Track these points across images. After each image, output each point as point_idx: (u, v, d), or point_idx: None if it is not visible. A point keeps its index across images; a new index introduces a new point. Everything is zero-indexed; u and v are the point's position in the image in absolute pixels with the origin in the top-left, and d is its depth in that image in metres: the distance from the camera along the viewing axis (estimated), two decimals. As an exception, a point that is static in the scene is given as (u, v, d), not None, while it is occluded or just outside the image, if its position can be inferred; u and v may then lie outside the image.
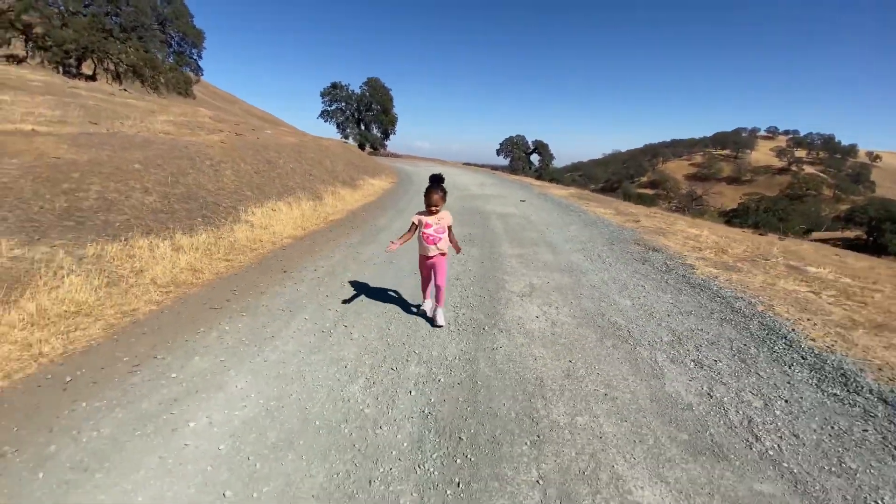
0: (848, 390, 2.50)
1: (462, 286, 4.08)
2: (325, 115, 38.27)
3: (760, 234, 10.19)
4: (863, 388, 2.51)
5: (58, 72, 25.90)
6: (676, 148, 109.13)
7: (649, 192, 76.63)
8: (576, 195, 13.45)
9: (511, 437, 2.02)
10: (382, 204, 9.62)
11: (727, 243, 6.49)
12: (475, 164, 35.07)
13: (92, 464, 1.75)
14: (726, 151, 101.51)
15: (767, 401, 2.38)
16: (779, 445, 2.01)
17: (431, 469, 1.80)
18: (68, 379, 2.29)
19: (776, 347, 3.02)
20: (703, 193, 59.98)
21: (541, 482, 1.75)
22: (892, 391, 2.48)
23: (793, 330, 3.30)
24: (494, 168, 33.45)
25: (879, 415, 2.27)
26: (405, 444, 1.94)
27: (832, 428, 2.16)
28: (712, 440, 2.04)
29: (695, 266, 5.01)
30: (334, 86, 37.64)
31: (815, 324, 3.43)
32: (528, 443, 1.98)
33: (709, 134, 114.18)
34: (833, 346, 3.04)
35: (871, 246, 44.76)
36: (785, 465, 1.89)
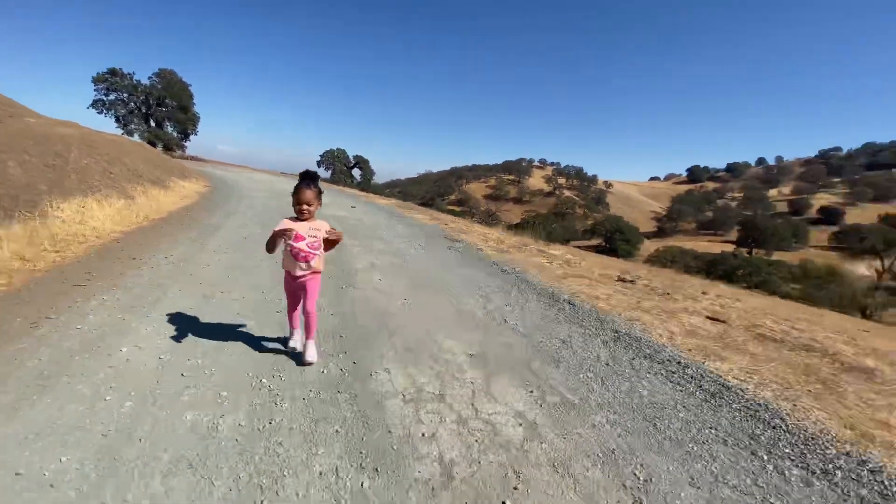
0: (554, 300, 4.65)
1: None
2: (99, 105, 31.03)
3: (527, 237, 14.04)
4: (561, 299, 4.71)
5: None
6: (476, 171, 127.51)
7: (457, 208, 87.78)
8: (398, 205, 15.45)
9: (373, 333, 3.26)
10: (205, 206, 9.37)
11: (504, 239, 9.20)
12: (293, 174, 34.22)
13: (54, 372, 2.21)
14: (512, 177, 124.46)
15: (513, 307, 4.29)
16: (517, 323, 3.84)
17: (328, 349, 2.90)
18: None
19: (523, 287, 5.12)
20: (496, 210, 72.35)
21: (392, 349, 3.06)
22: (573, 300, 4.74)
23: (534, 278, 5.54)
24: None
25: (566, 308, 4.41)
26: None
27: (543, 314, 4.16)
28: (484, 323, 3.73)
29: (483, 249, 7.22)
30: (113, 72, 30.97)
31: (545, 275, 5.80)
32: (385, 334, 3.26)
33: (500, 161, 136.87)
34: (553, 284, 5.34)
35: (608, 250, 62.39)
36: (520, 330, 3.70)
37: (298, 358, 2.71)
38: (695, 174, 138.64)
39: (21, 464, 1.65)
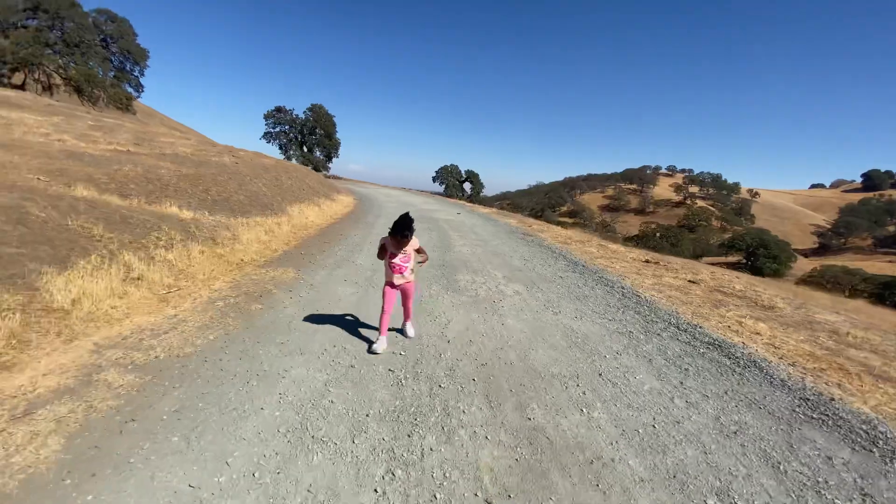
0: (574, 265, 7.37)
1: (433, 243, 8.59)
2: (267, 136, 41.27)
3: (611, 242, 16.01)
4: (579, 264, 7.41)
5: None
6: (591, 181, 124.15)
7: (569, 219, 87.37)
8: (495, 212, 18.75)
9: (458, 267, 6.54)
10: (360, 211, 13.87)
11: (573, 237, 11.78)
12: (413, 189, 40.09)
13: (349, 255, 5.98)
14: (633, 186, 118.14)
15: (547, 267, 7.17)
16: (545, 272, 6.75)
17: (437, 272, 6.27)
18: (302, 252, 6.41)
19: (559, 258, 7.91)
20: (612, 221, 70.66)
21: (467, 271, 6.28)
22: (588, 265, 7.40)
23: (571, 256, 8.27)
24: (432, 193, 38.77)
25: (579, 268, 7.13)
26: (431, 271, 6.38)
27: (561, 268, 6.98)
28: (519, 267, 6.74)
29: (547, 240, 10.05)
30: (278, 109, 41.01)
31: (582, 255, 8.46)
32: (464, 267, 6.51)
33: (619, 169, 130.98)
34: (582, 258, 8.01)
35: (749, 268, 56.26)
36: (539, 272, 6.62)
37: (402, 332, 3.72)
38: (872, 180, 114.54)
39: (336, 292, 5.27)
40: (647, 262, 8.26)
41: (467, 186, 56.00)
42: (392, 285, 3.37)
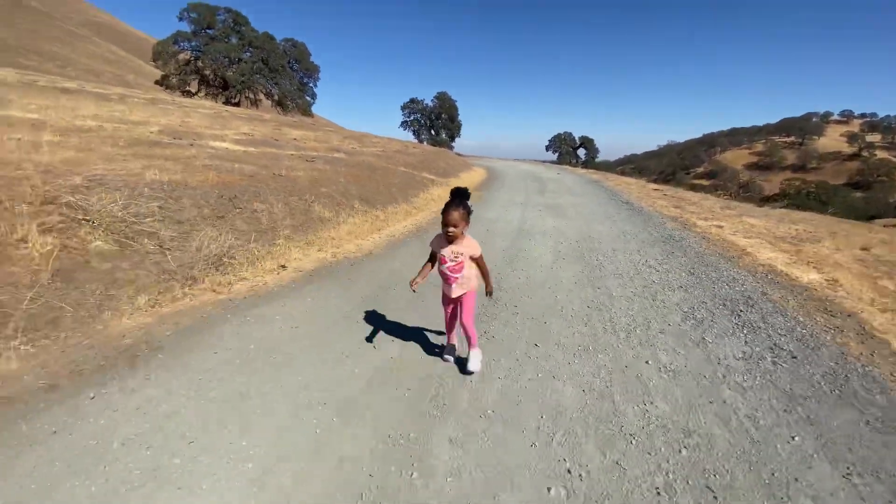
0: (656, 222, 12.60)
1: (531, 192, 14.50)
2: (404, 124, 50.30)
3: (717, 196, 19.67)
4: (666, 225, 12.61)
5: (216, 101, 39.31)
6: (736, 137, 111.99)
7: (705, 182, 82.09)
8: (589, 173, 23.53)
9: (546, 194, 12.41)
10: (490, 179, 20.26)
11: (646, 185, 16.44)
12: (528, 159, 45.27)
13: (498, 188, 12.43)
14: (792, 138, 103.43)
15: (617, 212, 12.58)
16: (610, 211, 12.22)
17: (523, 198, 12.27)
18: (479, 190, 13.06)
19: (613, 197, 13.15)
20: (750, 181, 65.84)
21: (552, 197, 12.12)
22: (658, 217, 12.56)
23: (623, 195, 13.41)
24: (543, 161, 43.60)
25: (648, 222, 12.36)
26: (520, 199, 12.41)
27: (631, 224, 12.35)
28: (582, 191, 12.33)
29: (611, 188, 15.13)
30: (412, 101, 49.55)
31: (658, 208, 13.51)
32: (551, 194, 12.36)
33: (774, 121, 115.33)
34: (625, 195, 13.12)
35: None
36: (620, 221, 12.12)
37: (461, 366, 2.82)
38: None
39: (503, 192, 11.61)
40: (655, 190, 13.02)
41: (581, 152, 58.61)
42: (446, 295, 2.79)
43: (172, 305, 3.61)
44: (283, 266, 4.83)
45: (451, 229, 2.55)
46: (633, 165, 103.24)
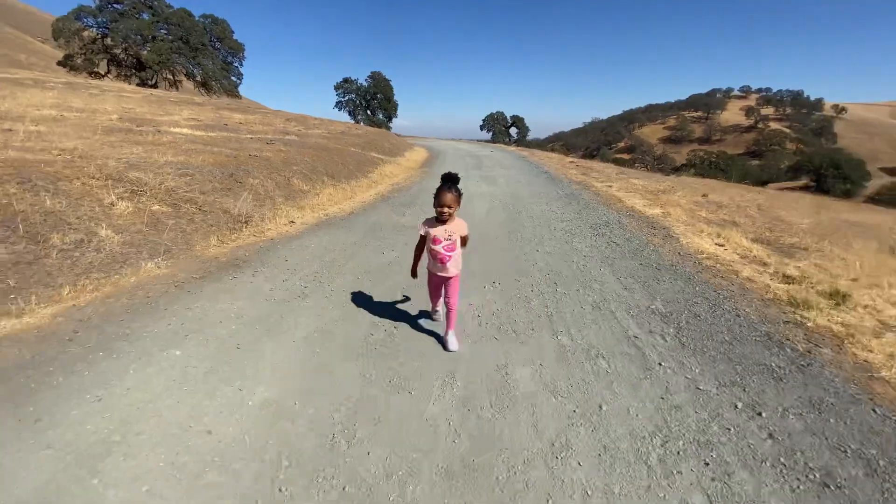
0: (528, 161, 15.22)
1: (469, 167, 16.78)
2: (339, 105, 50.40)
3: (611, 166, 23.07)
4: (536, 166, 15.24)
5: (129, 83, 37.54)
6: (652, 113, 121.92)
7: (626, 156, 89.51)
8: (519, 149, 26.35)
9: (477, 165, 14.73)
10: (435, 158, 22.25)
11: (569, 164, 19.32)
12: (463, 139, 47.65)
13: (441, 163, 14.48)
14: (699, 113, 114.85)
15: (536, 179, 15.11)
16: (531, 179, 14.73)
17: (467, 170, 14.54)
18: (425, 168, 15.01)
19: (532, 165, 15.77)
20: (664, 153, 73.28)
21: (485, 169, 14.45)
22: (566, 181, 15.22)
23: (560, 176, 16.08)
24: (479, 140, 46.23)
25: (558, 185, 14.98)
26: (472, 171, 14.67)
27: (545, 187, 14.93)
28: (511, 164, 14.80)
29: (532, 160, 17.82)
30: (346, 80, 49.67)
31: (569, 175, 16.22)
32: (485, 166, 14.69)
33: (684, 97, 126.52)
34: (538, 162, 15.80)
35: (817, 191, 58.28)
36: (537, 185, 14.62)
37: (444, 345, 3.03)
38: None
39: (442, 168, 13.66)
40: (572, 162, 15.90)
41: (513, 131, 62.10)
42: (435, 275, 3.00)
43: (235, 243, 5.37)
44: (293, 221, 6.63)
45: (446, 209, 2.77)
46: (562, 142, 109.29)
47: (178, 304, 3.56)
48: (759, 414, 2.30)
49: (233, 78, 42.87)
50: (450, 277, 2.94)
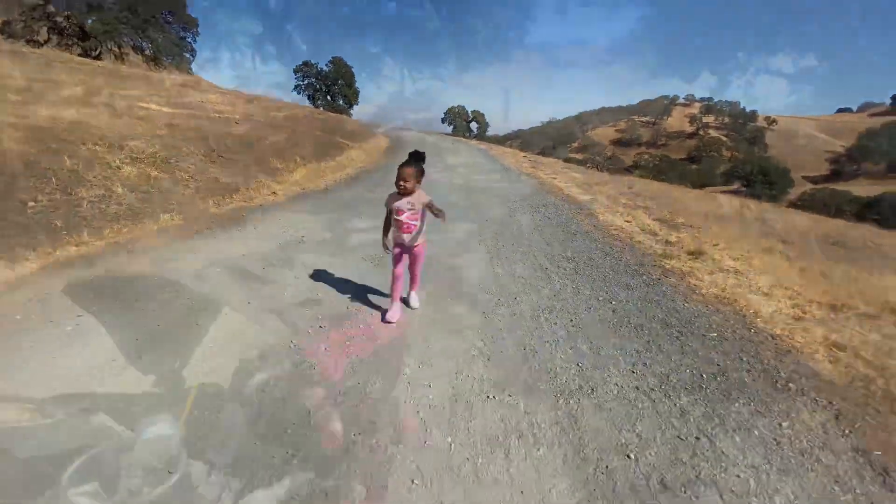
0: (515, 175, 16.67)
1: (431, 156, 17.97)
2: (298, 88, 49.87)
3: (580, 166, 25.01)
4: (521, 176, 16.71)
5: (71, 53, 35.71)
6: (604, 115, 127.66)
7: (579, 156, 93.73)
8: (480, 144, 27.88)
9: (440, 154, 15.97)
10: (396, 145, 23.18)
11: (517, 154, 20.94)
12: (424, 130, 48.75)
13: (403, 152, 15.55)
14: (647, 118, 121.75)
15: (493, 169, 16.50)
16: (488, 168, 16.11)
17: (435, 162, 15.77)
18: (387, 155, 16.00)
19: (490, 159, 17.22)
20: (613, 155, 77.66)
21: (447, 158, 15.70)
22: (518, 172, 16.70)
23: (497, 158, 17.57)
24: (440, 133, 47.53)
25: (493, 160, 16.43)
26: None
27: (499, 175, 16.34)
28: (469, 152, 16.14)
29: (494, 155, 19.33)
30: (305, 64, 49.21)
31: (525, 169, 17.74)
32: (445, 156, 15.93)
33: (634, 102, 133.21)
34: (497, 157, 17.30)
35: (748, 196, 64.00)
36: (493, 174, 15.99)
37: (405, 303, 3.46)
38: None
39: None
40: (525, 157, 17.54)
41: (474, 126, 63.84)
42: (402, 247, 3.20)
43: (232, 205, 6.32)
44: (275, 193, 7.58)
45: (402, 183, 3.01)
46: (521, 140, 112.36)
47: (199, 242, 4.57)
48: (611, 302, 3.75)
49: (186, 55, 41.47)
50: (415, 246, 3.20)
